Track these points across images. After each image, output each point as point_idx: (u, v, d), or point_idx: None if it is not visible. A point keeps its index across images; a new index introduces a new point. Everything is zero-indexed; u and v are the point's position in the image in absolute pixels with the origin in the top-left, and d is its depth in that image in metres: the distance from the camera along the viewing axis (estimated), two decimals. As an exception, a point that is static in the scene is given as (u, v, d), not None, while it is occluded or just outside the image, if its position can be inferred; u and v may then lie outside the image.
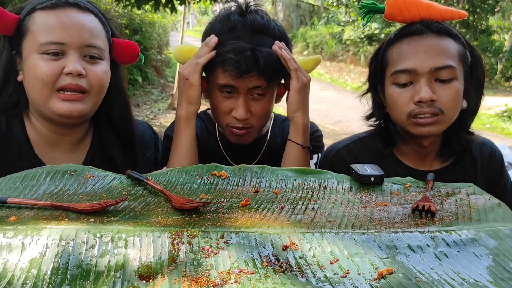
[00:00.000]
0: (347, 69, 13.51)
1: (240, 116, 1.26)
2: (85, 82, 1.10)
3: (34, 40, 1.08)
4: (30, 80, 1.09)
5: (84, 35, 1.10)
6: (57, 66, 1.07)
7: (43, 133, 1.17)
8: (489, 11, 12.44)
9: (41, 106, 1.11)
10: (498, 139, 6.03)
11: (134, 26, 9.59)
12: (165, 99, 9.40)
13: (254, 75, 1.22)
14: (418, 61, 1.15)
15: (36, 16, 1.10)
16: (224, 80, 1.24)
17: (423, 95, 1.13)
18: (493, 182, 1.30)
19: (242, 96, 1.25)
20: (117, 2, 5.98)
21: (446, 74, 1.14)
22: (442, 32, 1.18)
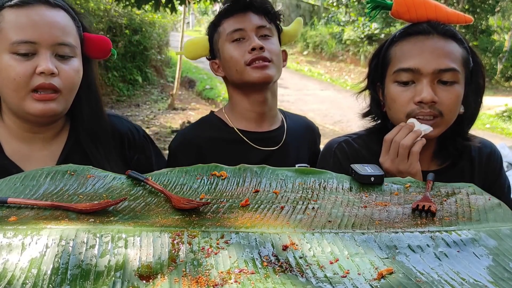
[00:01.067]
0: (347, 69, 13.52)
1: (255, 45, 1.35)
2: (58, 81, 1.09)
3: (5, 38, 1.06)
4: (2, 79, 1.08)
5: (55, 33, 1.08)
6: (29, 67, 1.06)
7: (15, 131, 1.15)
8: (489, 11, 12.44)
9: (14, 106, 1.10)
10: (498, 139, 6.03)
11: (134, 26, 9.59)
12: (165, 99, 9.40)
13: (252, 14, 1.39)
14: (423, 61, 1.14)
15: (5, 14, 1.08)
16: (231, 26, 1.39)
17: (425, 95, 1.12)
18: (490, 183, 1.29)
19: (252, 34, 1.37)
20: (117, 2, 5.98)
21: (449, 76, 1.14)
22: (448, 35, 1.17)
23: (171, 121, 7.79)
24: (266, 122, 1.47)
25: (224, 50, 1.41)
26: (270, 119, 1.48)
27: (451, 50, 1.16)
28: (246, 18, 1.39)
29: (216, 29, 1.44)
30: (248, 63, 1.36)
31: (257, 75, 1.36)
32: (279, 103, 1.50)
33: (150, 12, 8.98)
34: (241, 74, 1.38)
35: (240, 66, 1.37)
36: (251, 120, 1.45)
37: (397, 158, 1.12)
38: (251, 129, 1.45)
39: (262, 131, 1.46)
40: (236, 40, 1.39)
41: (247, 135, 1.44)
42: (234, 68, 1.39)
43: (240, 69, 1.38)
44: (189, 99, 9.91)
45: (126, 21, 9.25)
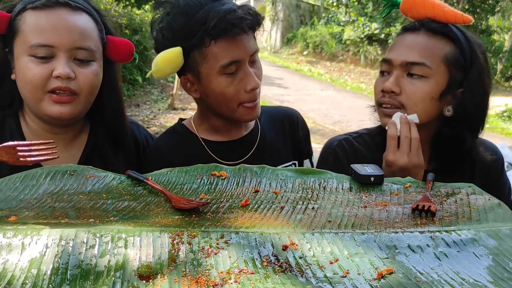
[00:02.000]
0: (347, 69, 13.52)
1: (255, 86, 1.18)
2: (75, 85, 1.09)
3: (24, 41, 1.07)
4: (20, 81, 1.09)
5: (74, 37, 1.08)
6: (46, 70, 1.06)
7: (37, 131, 1.17)
8: (489, 11, 12.44)
9: (33, 107, 1.12)
10: (498, 139, 6.02)
11: (134, 26, 9.59)
12: (165, 99, 9.39)
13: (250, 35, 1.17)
14: (395, 53, 1.20)
15: (26, 16, 1.08)
16: (225, 56, 1.14)
17: (386, 84, 1.18)
18: (491, 182, 1.28)
19: (248, 67, 1.18)
20: (117, 2, 5.99)
21: (417, 70, 1.16)
22: (436, 31, 1.18)
23: (171, 121, 7.79)
24: (235, 129, 1.32)
25: (212, 81, 1.17)
26: (240, 125, 1.33)
27: (429, 46, 1.17)
28: (241, 44, 1.15)
29: (199, 47, 1.15)
30: (242, 102, 1.20)
31: (248, 117, 1.23)
32: (279, 103, 1.48)
33: (150, 12, 8.98)
34: (232, 112, 1.22)
35: (232, 105, 1.20)
36: (220, 131, 1.31)
37: (411, 152, 1.12)
38: (219, 139, 1.30)
39: (231, 139, 1.31)
40: (230, 73, 1.16)
41: (214, 147, 1.29)
42: (224, 104, 1.20)
43: (232, 107, 1.20)
44: (189, 99, 9.90)
45: (126, 21, 9.25)
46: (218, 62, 1.15)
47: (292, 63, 14.51)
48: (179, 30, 1.16)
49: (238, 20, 1.11)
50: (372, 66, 13.20)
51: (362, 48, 13.43)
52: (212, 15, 1.11)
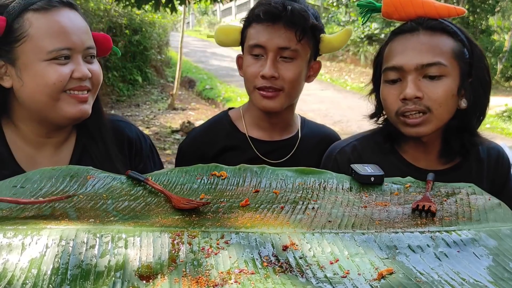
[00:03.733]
0: (347, 69, 13.52)
1: (266, 73, 1.27)
2: (89, 83, 1.11)
3: (38, 47, 1.04)
4: (36, 86, 1.06)
5: (84, 37, 1.10)
6: (66, 71, 1.06)
7: (28, 136, 1.14)
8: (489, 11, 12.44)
9: (45, 110, 1.09)
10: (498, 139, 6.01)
11: (134, 26, 9.59)
12: (165, 99, 9.39)
13: (282, 29, 1.26)
14: (405, 58, 1.15)
15: (32, 20, 1.04)
16: (254, 39, 1.30)
17: (408, 91, 1.13)
18: (498, 187, 1.26)
19: (270, 55, 1.28)
20: (117, 2, 5.99)
21: (434, 71, 1.13)
22: (436, 29, 1.16)
23: (171, 121, 7.79)
24: (278, 131, 1.42)
25: (244, 59, 1.35)
26: (283, 128, 1.43)
27: (437, 43, 1.15)
28: (272, 33, 1.27)
29: (247, 28, 1.34)
30: (257, 87, 1.31)
31: (262, 104, 1.31)
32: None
33: (150, 12, 8.98)
34: (250, 93, 1.35)
35: (250, 87, 1.33)
36: (262, 128, 1.41)
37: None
38: (262, 138, 1.40)
39: (273, 140, 1.41)
40: (254, 55, 1.31)
41: (257, 144, 1.40)
42: (246, 83, 1.35)
43: (250, 89, 1.33)
44: (189, 99, 9.91)
45: (126, 21, 9.25)
46: (248, 40, 1.33)
47: (292, 63, 14.47)
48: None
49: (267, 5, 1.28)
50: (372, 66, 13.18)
51: (362, 48, 13.43)
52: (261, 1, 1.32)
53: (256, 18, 1.30)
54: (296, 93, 1.37)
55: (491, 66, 7.40)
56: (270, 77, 1.28)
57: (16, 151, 1.14)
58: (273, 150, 1.39)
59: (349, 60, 13.83)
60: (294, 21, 1.26)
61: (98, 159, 1.20)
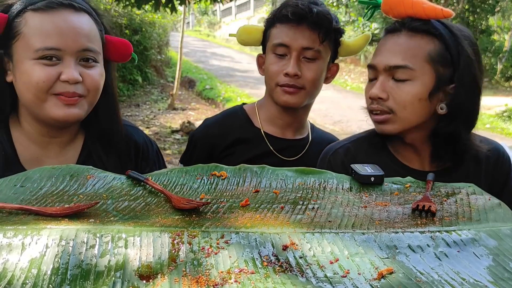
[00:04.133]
0: (347, 69, 13.52)
1: (290, 71, 1.32)
2: (81, 88, 1.07)
3: (28, 44, 1.04)
4: (23, 84, 1.06)
5: (80, 39, 1.07)
6: (53, 72, 1.04)
7: (33, 136, 1.14)
8: (489, 11, 12.43)
9: (35, 109, 1.08)
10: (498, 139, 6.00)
11: (134, 26, 9.60)
12: (165, 99, 9.40)
13: (307, 30, 1.32)
14: (378, 58, 1.19)
15: (28, 18, 1.05)
16: (278, 38, 1.35)
17: (372, 91, 1.18)
18: (498, 187, 1.24)
19: (294, 55, 1.33)
20: (117, 2, 5.99)
21: (400, 73, 1.15)
22: (418, 30, 1.16)
23: (171, 121, 7.79)
24: (291, 130, 1.47)
25: (267, 57, 1.40)
26: (296, 128, 1.48)
27: (410, 46, 1.15)
28: (296, 33, 1.33)
29: (270, 28, 1.40)
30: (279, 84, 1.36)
31: (283, 99, 1.37)
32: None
33: (150, 12, 8.98)
34: (271, 90, 1.40)
35: (272, 84, 1.38)
36: (277, 125, 1.45)
37: None
38: (275, 134, 1.45)
39: (286, 138, 1.46)
40: (278, 54, 1.36)
41: (271, 140, 1.44)
42: (268, 81, 1.40)
43: (272, 87, 1.39)
44: (189, 99, 9.91)
45: (126, 21, 9.26)
46: (272, 39, 1.38)
47: (292, 63, 14.48)
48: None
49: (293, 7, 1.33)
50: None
51: (362, 48, 13.42)
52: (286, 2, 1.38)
53: (282, 18, 1.35)
54: (315, 93, 1.42)
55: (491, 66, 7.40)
56: (294, 75, 1.33)
57: (22, 151, 1.14)
58: (286, 147, 1.44)
59: (349, 60, 13.83)
60: (319, 22, 1.32)
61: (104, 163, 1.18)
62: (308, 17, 1.31)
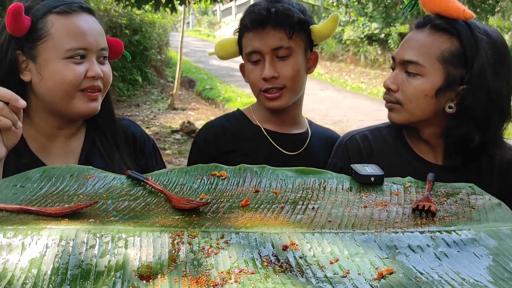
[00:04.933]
0: (347, 69, 13.52)
1: (266, 75, 1.34)
2: (100, 82, 1.20)
3: (58, 45, 1.14)
4: (55, 82, 1.15)
5: (99, 39, 1.19)
6: (81, 70, 1.15)
7: (42, 128, 1.23)
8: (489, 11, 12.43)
9: (62, 105, 1.18)
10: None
11: (134, 26, 9.60)
12: (165, 99, 9.40)
13: (272, 32, 1.33)
14: (398, 51, 1.24)
15: (54, 21, 1.14)
16: (248, 46, 1.37)
17: (385, 81, 1.24)
18: (508, 190, 1.21)
19: (267, 58, 1.35)
20: (117, 2, 5.99)
21: (411, 68, 1.19)
22: (439, 28, 1.19)
23: (171, 121, 7.79)
24: (289, 125, 1.49)
25: (245, 66, 1.43)
26: (293, 123, 1.50)
27: (426, 43, 1.18)
28: (263, 37, 1.34)
29: (241, 39, 1.42)
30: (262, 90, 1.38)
31: (269, 105, 1.39)
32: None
33: (150, 12, 8.98)
34: (257, 96, 1.42)
35: (256, 91, 1.40)
36: (274, 121, 1.47)
37: None
38: (274, 129, 1.47)
39: (285, 132, 1.47)
40: (253, 62, 1.38)
41: (270, 134, 1.46)
42: (252, 89, 1.43)
43: (256, 93, 1.41)
44: (189, 99, 9.91)
45: (126, 21, 9.26)
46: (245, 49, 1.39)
47: (292, 63, 14.47)
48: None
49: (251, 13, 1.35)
50: (372, 66, 13.20)
51: (362, 48, 13.43)
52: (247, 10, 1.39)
53: (245, 28, 1.37)
54: (299, 87, 1.43)
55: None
56: (271, 78, 1.34)
57: (30, 141, 1.22)
58: (287, 141, 1.45)
59: (349, 60, 13.83)
60: (281, 21, 1.32)
61: (107, 152, 1.29)
62: (268, 19, 1.32)
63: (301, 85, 1.43)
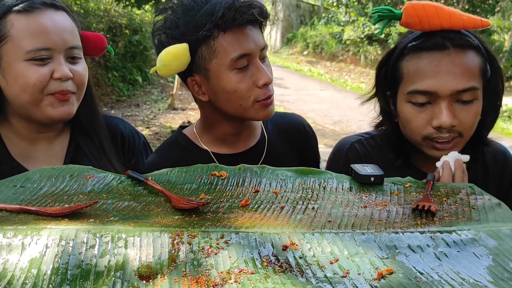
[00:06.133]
0: (347, 69, 13.52)
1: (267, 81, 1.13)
2: (71, 84, 1.11)
3: (18, 47, 1.06)
4: (19, 86, 1.08)
5: (66, 37, 1.10)
6: (46, 72, 1.07)
7: (21, 131, 1.17)
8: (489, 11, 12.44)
9: (30, 110, 1.11)
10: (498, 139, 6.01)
11: (134, 26, 9.59)
12: (165, 99, 9.39)
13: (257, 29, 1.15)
14: (440, 82, 1.07)
15: (14, 21, 1.07)
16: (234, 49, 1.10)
17: (444, 120, 1.07)
18: (505, 191, 1.24)
19: (258, 61, 1.14)
20: (117, 2, 5.99)
21: (468, 96, 1.08)
22: (465, 46, 1.09)
23: (171, 121, 7.79)
24: (242, 140, 1.28)
25: (222, 78, 1.13)
26: (247, 135, 1.29)
27: (469, 65, 1.09)
28: (249, 37, 1.12)
29: (207, 41, 1.11)
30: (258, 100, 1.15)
31: (264, 113, 1.18)
32: (279, 103, 1.47)
33: (150, 12, 8.98)
34: (246, 110, 1.16)
35: (247, 103, 1.15)
36: (227, 142, 1.27)
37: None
38: (226, 152, 1.26)
39: (238, 152, 1.27)
40: (240, 68, 1.13)
41: (221, 159, 1.23)
42: (238, 102, 1.15)
43: (247, 105, 1.15)
44: (189, 99, 9.89)
45: (126, 21, 9.25)
46: (228, 55, 1.11)
47: (292, 63, 14.51)
48: (185, 26, 1.12)
49: (246, 7, 1.09)
50: (372, 66, 13.19)
51: (362, 48, 13.42)
52: (219, 5, 1.08)
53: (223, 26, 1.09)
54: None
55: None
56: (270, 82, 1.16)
57: (11, 147, 1.17)
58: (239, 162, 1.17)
59: (349, 60, 13.83)
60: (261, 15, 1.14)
61: (93, 154, 1.22)
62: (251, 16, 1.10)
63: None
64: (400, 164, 1.21)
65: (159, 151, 1.33)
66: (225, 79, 1.13)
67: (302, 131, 1.38)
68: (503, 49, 12.17)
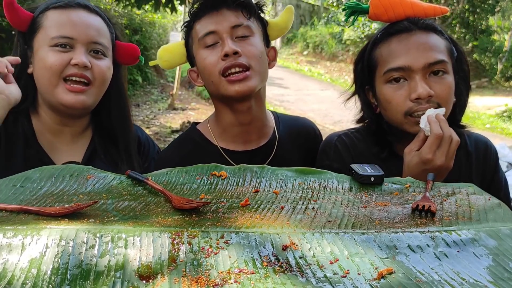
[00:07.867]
0: (347, 69, 13.52)
1: (228, 50, 1.18)
2: (90, 74, 1.19)
3: (46, 34, 1.18)
4: (39, 69, 1.18)
5: (91, 32, 1.20)
6: (65, 57, 1.17)
7: (48, 123, 1.26)
8: (489, 11, 12.43)
9: (48, 95, 1.20)
10: (498, 139, 6.02)
11: (134, 26, 9.59)
12: (165, 99, 9.39)
13: (227, 12, 1.22)
14: (411, 58, 1.15)
15: (49, 14, 1.20)
16: (203, 29, 1.23)
17: (421, 91, 1.13)
18: (488, 178, 1.30)
19: (225, 36, 1.21)
20: (117, 2, 5.99)
21: (439, 67, 1.16)
22: (429, 28, 1.20)
23: (171, 121, 7.79)
24: (253, 137, 1.32)
25: (198, 57, 1.25)
26: (257, 132, 1.33)
27: (435, 42, 1.18)
28: (219, 17, 1.22)
29: (190, 32, 1.28)
30: (223, 73, 1.19)
31: (234, 89, 1.19)
32: (279, 103, 1.49)
33: (150, 12, 8.98)
34: (217, 86, 1.22)
35: (215, 77, 1.21)
36: (236, 136, 1.31)
37: (449, 154, 1.08)
38: (236, 148, 1.31)
39: (249, 149, 1.31)
40: (209, 46, 1.22)
41: (231, 155, 1.29)
42: (209, 79, 1.23)
43: (216, 80, 1.21)
44: (189, 99, 9.90)
45: (126, 21, 9.25)
46: (197, 36, 1.24)
47: (292, 63, 14.51)
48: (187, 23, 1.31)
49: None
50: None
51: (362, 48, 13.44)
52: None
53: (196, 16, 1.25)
54: (264, 72, 1.27)
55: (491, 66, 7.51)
56: (233, 53, 1.18)
57: (39, 135, 1.26)
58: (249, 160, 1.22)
59: (349, 60, 13.83)
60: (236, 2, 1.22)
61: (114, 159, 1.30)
62: (223, 1, 1.22)
63: (265, 70, 1.27)
64: (386, 156, 1.26)
65: (171, 145, 1.40)
66: (199, 57, 1.26)
67: (312, 135, 1.44)
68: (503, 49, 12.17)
